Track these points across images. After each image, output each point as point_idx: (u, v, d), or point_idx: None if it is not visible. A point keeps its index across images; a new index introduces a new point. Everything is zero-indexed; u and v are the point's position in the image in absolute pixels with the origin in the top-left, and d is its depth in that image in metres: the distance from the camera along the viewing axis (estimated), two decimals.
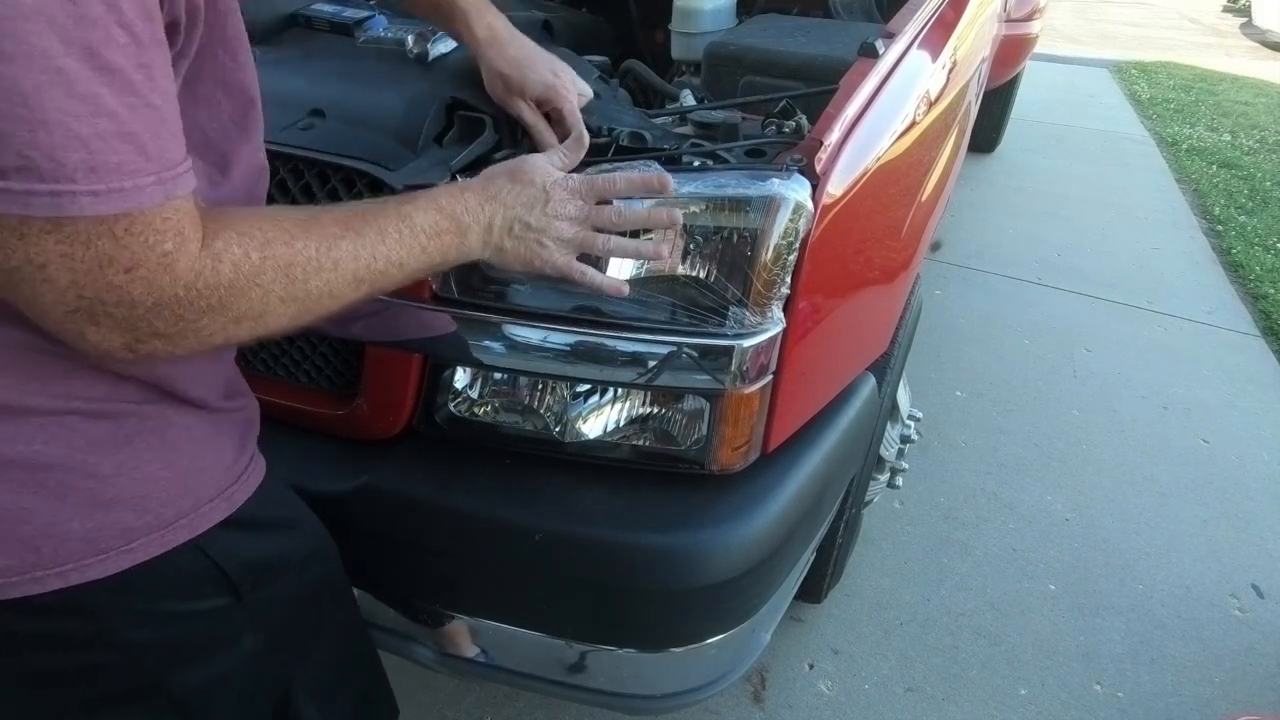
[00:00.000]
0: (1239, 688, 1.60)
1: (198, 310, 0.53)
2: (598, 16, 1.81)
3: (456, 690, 1.48)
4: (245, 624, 0.70)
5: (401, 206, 0.67)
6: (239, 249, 0.55)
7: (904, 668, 1.59)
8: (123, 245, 0.48)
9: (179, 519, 0.63)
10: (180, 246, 0.51)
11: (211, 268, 0.53)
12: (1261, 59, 7.78)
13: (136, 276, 0.49)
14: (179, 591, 0.65)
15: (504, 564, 0.93)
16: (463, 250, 0.71)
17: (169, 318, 0.52)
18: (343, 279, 0.61)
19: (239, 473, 0.69)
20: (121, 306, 0.50)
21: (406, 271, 0.67)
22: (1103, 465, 2.17)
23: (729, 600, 0.94)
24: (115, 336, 0.51)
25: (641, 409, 0.93)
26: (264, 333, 0.59)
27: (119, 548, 0.59)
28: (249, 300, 0.55)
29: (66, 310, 0.49)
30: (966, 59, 1.57)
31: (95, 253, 0.47)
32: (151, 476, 0.61)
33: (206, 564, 0.66)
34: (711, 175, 0.85)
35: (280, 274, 0.57)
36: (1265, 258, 3.40)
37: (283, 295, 0.57)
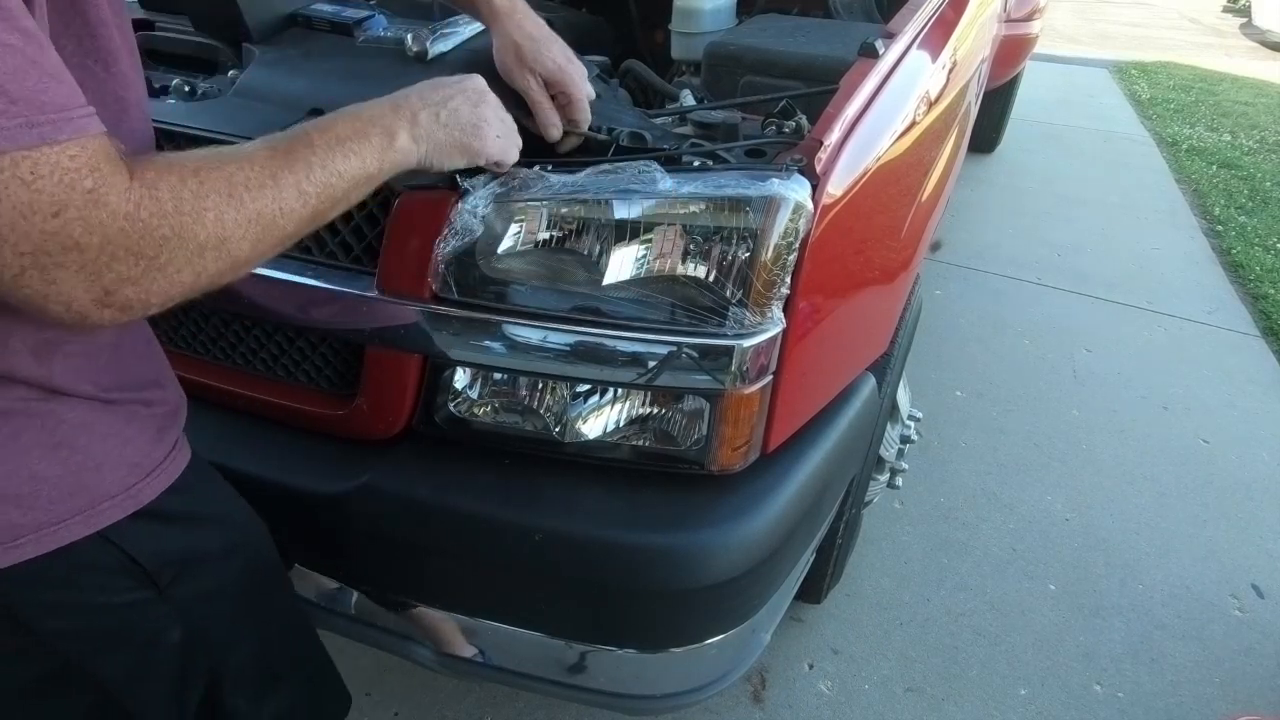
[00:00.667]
0: (1239, 688, 1.60)
1: (154, 243, 0.51)
2: (598, 16, 1.81)
3: (456, 690, 1.48)
4: (168, 617, 0.70)
5: (321, 123, 0.67)
6: (173, 177, 0.53)
7: (904, 668, 1.59)
8: (36, 190, 0.46)
9: (73, 516, 0.61)
10: (102, 182, 0.49)
11: (150, 196, 0.51)
12: (1261, 59, 7.78)
13: (69, 218, 0.47)
14: (94, 584, 0.65)
15: (504, 564, 0.93)
16: (397, 150, 0.70)
17: (125, 257, 0.50)
18: (287, 194, 0.60)
19: (150, 468, 0.67)
20: (70, 252, 0.48)
21: (348, 180, 0.65)
22: (1103, 465, 2.17)
23: (729, 600, 0.94)
24: (81, 290, 0.50)
25: (641, 409, 0.93)
26: (232, 264, 0.57)
27: (4, 543, 0.59)
28: (204, 225, 0.54)
29: (14, 274, 0.48)
30: (966, 59, 1.57)
31: (9, 203, 0.45)
32: (39, 474, 0.60)
33: (119, 556, 0.65)
34: (711, 175, 0.85)
35: (224, 196, 0.56)
36: (1265, 258, 3.40)
37: (237, 218, 0.56)
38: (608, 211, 0.84)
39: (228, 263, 0.57)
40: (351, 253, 0.93)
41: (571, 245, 0.86)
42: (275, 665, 0.83)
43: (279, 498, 0.94)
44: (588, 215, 0.85)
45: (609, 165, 0.84)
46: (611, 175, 0.84)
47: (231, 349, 1.04)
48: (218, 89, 1.03)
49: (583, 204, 0.84)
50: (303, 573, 1.04)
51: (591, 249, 0.85)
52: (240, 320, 1.02)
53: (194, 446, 0.75)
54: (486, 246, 0.86)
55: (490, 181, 0.85)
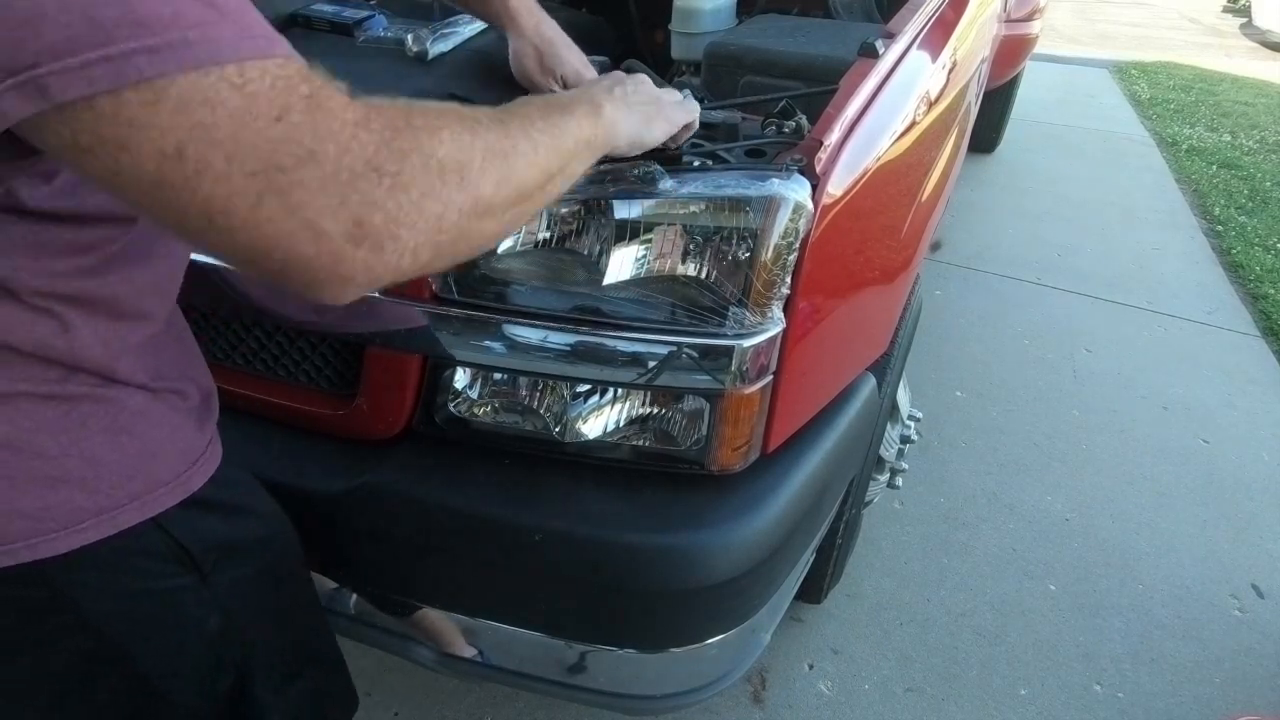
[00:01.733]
0: (1239, 688, 1.60)
1: (394, 155, 0.47)
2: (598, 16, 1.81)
3: (456, 690, 1.48)
4: (209, 603, 0.71)
5: (532, 101, 0.65)
6: (396, 107, 0.50)
7: (904, 668, 1.59)
8: (249, 93, 0.42)
9: (131, 501, 0.62)
10: (319, 90, 0.45)
11: (376, 111, 0.48)
12: (1261, 59, 7.78)
13: (293, 123, 0.43)
14: (142, 568, 0.65)
15: (504, 564, 0.93)
16: (605, 120, 0.70)
17: (365, 171, 0.46)
18: (515, 138, 0.57)
19: (195, 456, 0.68)
20: (305, 165, 0.44)
21: (570, 139, 0.64)
22: (1103, 465, 2.17)
23: (729, 600, 0.94)
24: (329, 218, 0.45)
25: (641, 409, 0.93)
26: (474, 201, 0.52)
27: (69, 527, 0.59)
28: (440, 142, 0.50)
29: (250, 205, 0.43)
30: (966, 59, 1.57)
31: (226, 110, 0.42)
32: (100, 458, 0.61)
33: (169, 542, 0.66)
34: (711, 175, 0.85)
35: (454, 123, 0.52)
36: (1265, 258, 3.40)
37: (472, 144, 0.53)
38: (608, 211, 0.84)
39: (470, 198, 0.52)
40: None
41: (571, 245, 0.86)
42: (298, 658, 0.84)
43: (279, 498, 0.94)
44: (588, 216, 0.85)
45: (608, 165, 0.84)
46: (611, 175, 0.84)
47: (231, 349, 1.04)
48: None
49: (583, 204, 0.84)
50: None
51: (591, 249, 0.85)
52: (240, 320, 1.02)
53: None
54: None
55: None
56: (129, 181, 0.43)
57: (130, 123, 0.41)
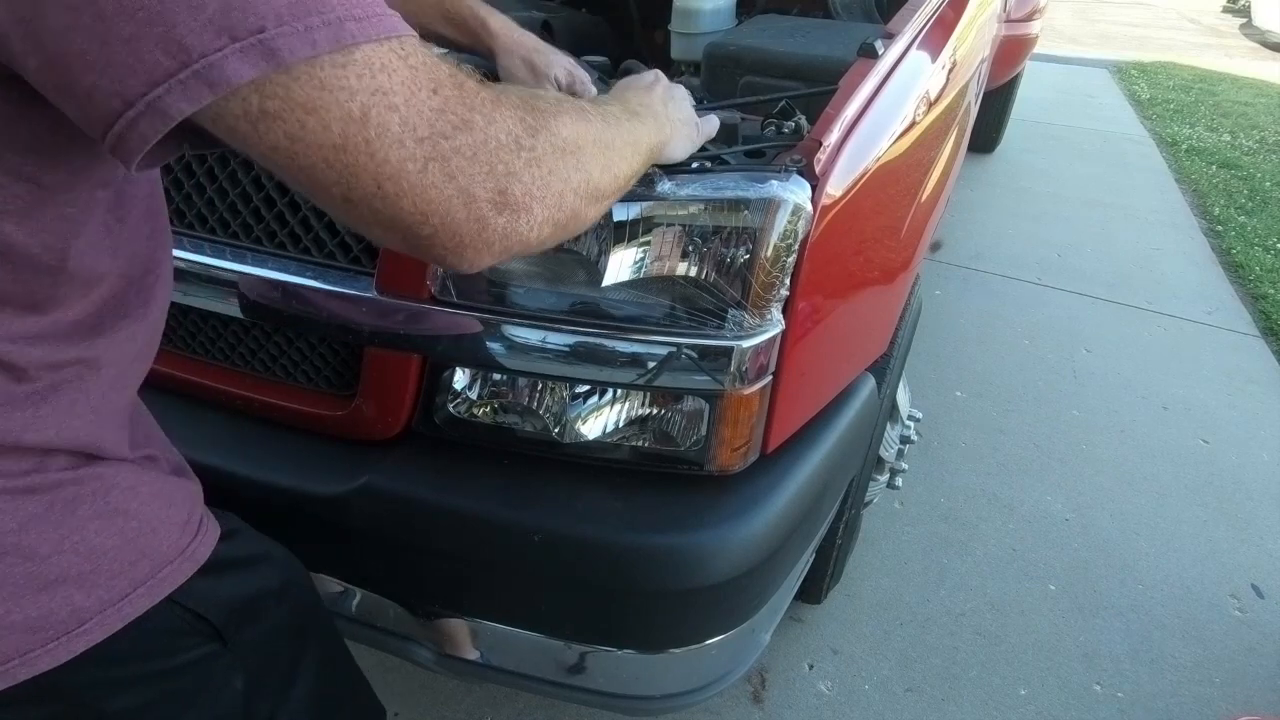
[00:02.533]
0: (1239, 688, 1.60)
1: (529, 130, 0.52)
2: (598, 16, 1.81)
3: (456, 690, 1.48)
4: (234, 666, 0.67)
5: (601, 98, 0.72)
6: (514, 89, 0.55)
7: (904, 668, 1.59)
8: (411, 65, 0.46)
9: (137, 587, 0.57)
10: (456, 70, 0.49)
11: (503, 91, 0.52)
12: (1261, 59, 7.78)
13: (446, 97, 0.47)
14: (161, 650, 0.61)
15: (503, 565, 0.93)
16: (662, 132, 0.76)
17: (508, 143, 0.50)
18: (610, 131, 0.62)
19: (195, 527, 0.64)
20: (461, 132, 0.48)
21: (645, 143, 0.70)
22: (1103, 465, 2.17)
23: (729, 601, 0.94)
24: (479, 185, 0.49)
25: (641, 410, 0.93)
26: (586, 182, 0.58)
27: (70, 631, 0.54)
28: (562, 124, 0.55)
29: (418, 169, 0.46)
30: (966, 59, 1.57)
31: (398, 78, 0.45)
32: (99, 548, 0.55)
33: (186, 616, 0.62)
34: (711, 177, 0.85)
35: (566, 113, 0.57)
36: (1265, 258, 3.40)
37: (583, 132, 0.58)
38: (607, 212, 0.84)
39: (584, 180, 0.57)
40: (350, 253, 0.93)
41: (571, 246, 0.86)
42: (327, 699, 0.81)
43: (278, 499, 0.94)
44: None
45: None
46: None
47: (230, 349, 1.04)
48: None
49: None
50: None
51: (591, 250, 0.85)
52: (240, 321, 1.02)
53: (193, 447, 0.75)
54: None
55: None
56: (307, 148, 0.44)
57: (323, 85, 0.42)
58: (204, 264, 0.95)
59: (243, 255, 0.95)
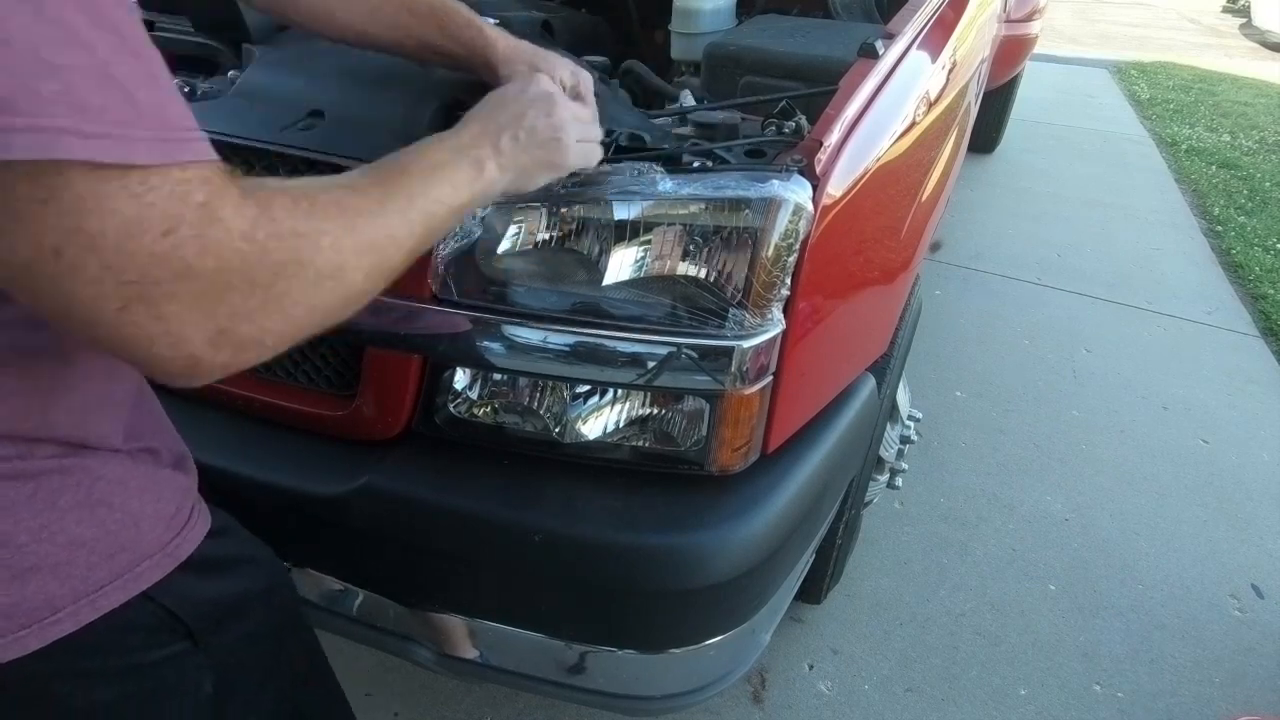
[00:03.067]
0: (1239, 688, 1.60)
1: (271, 269, 0.47)
2: (598, 16, 1.81)
3: (456, 690, 1.48)
4: (205, 667, 0.66)
5: (411, 152, 0.65)
6: (286, 198, 0.49)
7: (904, 668, 1.59)
8: (147, 203, 0.41)
9: (113, 579, 0.57)
10: (216, 195, 0.44)
11: (265, 215, 0.47)
12: (1261, 59, 7.78)
13: (181, 238, 0.42)
14: (132, 646, 0.60)
15: (503, 565, 0.93)
16: (485, 180, 0.69)
17: (240, 285, 0.46)
18: (394, 221, 0.57)
19: (182, 523, 0.64)
20: (181, 280, 0.43)
21: (445, 208, 0.64)
22: (1102, 465, 2.17)
23: (729, 601, 0.94)
24: (193, 327, 0.45)
25: (641, 410, 0.93)
26: (345, 297, 0.54)
27: (42, 620, 0.54)
28: (321, 250, 0.50)
29: (117, 308, 0.42)
30: (966, 59, 1.57)
31: (117, 219, 0.40)
32: (78, 538, 0.55)
33: (160, 613, 0.61)
34: (711, 176, 0.85)
35: (337, 220, 0.52)
36: (1264, 258, 3.40)
37: (353, 246, 0.53)
38: (607, 212, 0.84)
39: (341, 295, 0.53)
40: None
41: (571, 245, 0.86)
42: (301, 707, 0.80)
43: (278, 499, 0.94)
44: (587, 216, 0.85)
45: (608, 165, 0.84)
46: (611, 176, 0.84)
47: None
48: (217, 89, 1.03)
49: (582, 205, 0.84)
50: (303, 573, 1.04)
51: (591, 250, 0.85)
52: None
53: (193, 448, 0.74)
54: (486, 247, 0.86)
55: None
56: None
57: (16, 214, 0.39)
58: None
59: None
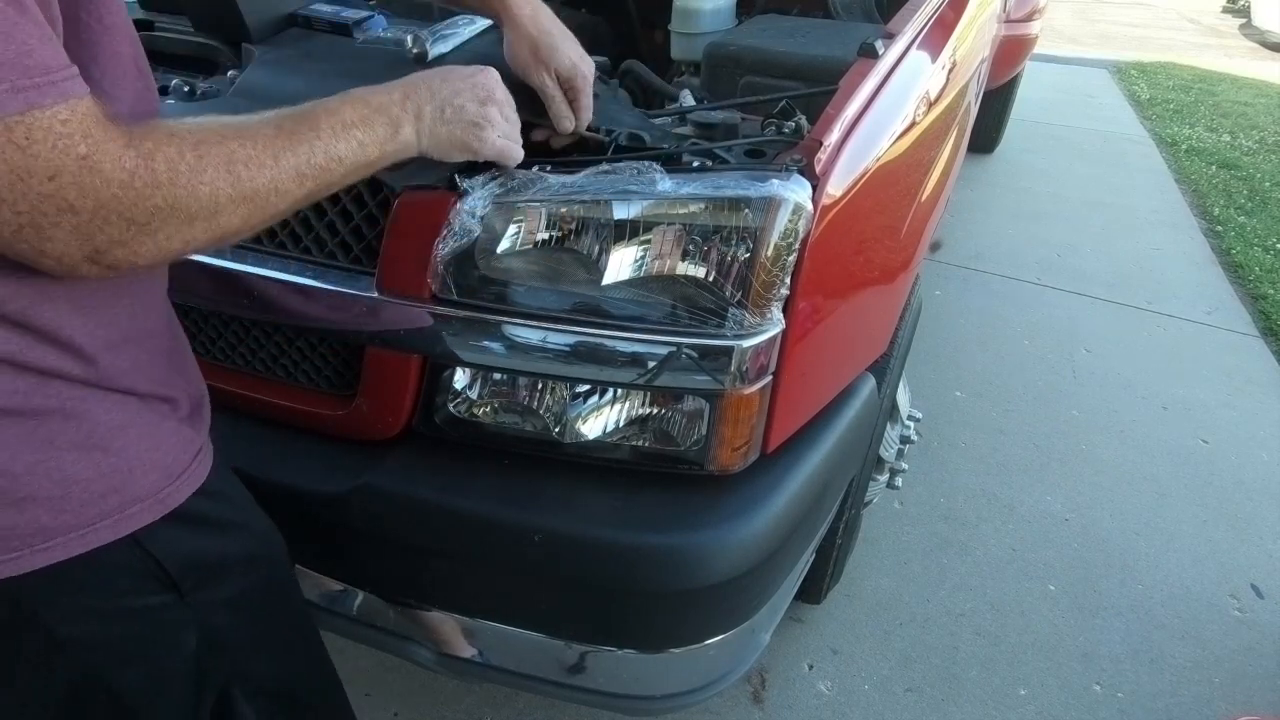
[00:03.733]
0: (1239, 688, 1.60)
1: (146, 211, 0.53)
2: (598, 16, 1.81)
3: (456, 690, 1.48)
4: (187, 622, 0.68)
5: (329, 104, 0.69)
6: (170, 148, 0.55)
7: (904, 668, 1.59)
8: (31, 155, 0.48)
9: (103, 519, 0.61)
10: (96, 149, 0.50)
11: (146, 167, 0.53)
12: (1261, 59, 7.78)
13: (64, 182, 0.49)
14: (115, 588, 0.64)
15: (503, 565, 0.93)
16: (399, 142, 0.73)
17: (117, 221, 0.52)
18: (285, 174, 0.62)
19: (179, 471, 0.66)
20: (64, 214, 0.50)
21: (346, 166, 0.68)
22: (1102, 465, 2.17)
23: (729, 601, 0.94)
24: (73, 249, 0.52)
25: (641, 409, 0.93)
26: (220, 235, 0.59)
27: (33, 546, 0.58)
28: (198, 199, 0.56)
29: (12, 230, 0.50)
30: (966, 59, 1.57)
31: (6, 166, 0.47)
32: (72, 476, 0.59)
33: (145, 559, 0.64)
34: (711, 176, 0.85)
35: (223, 170, 0.57)
36: (1264, 258, 3.40)
37: (232, 194, 0.58)
38: (607, 212, 0.84)
39: (216, 234, 0.59)
40: (351, 253, 0.93)
41: (571, 245, 0.86)
42: (289, 682, 0.82)
43: (279, 498, 0.94)
44: (587, 215, 0.85)
45: (608, 165, 0.84)
46: (610, 175, 0.84)
47: (231, 349, 1.04)
48: (217, 89, 1.03)
49: (582, 204, 0.84)
50: (303, 573, 1.04)
51: (591, 249, 0.85)
52: (240, 320, 1.02)
53: None
54: (486, 247, 0.86)
55: (489, 182, 0.85)
56: None
57: None
58: (204, 264, 0.94)
59: (243, 255, 0.95)
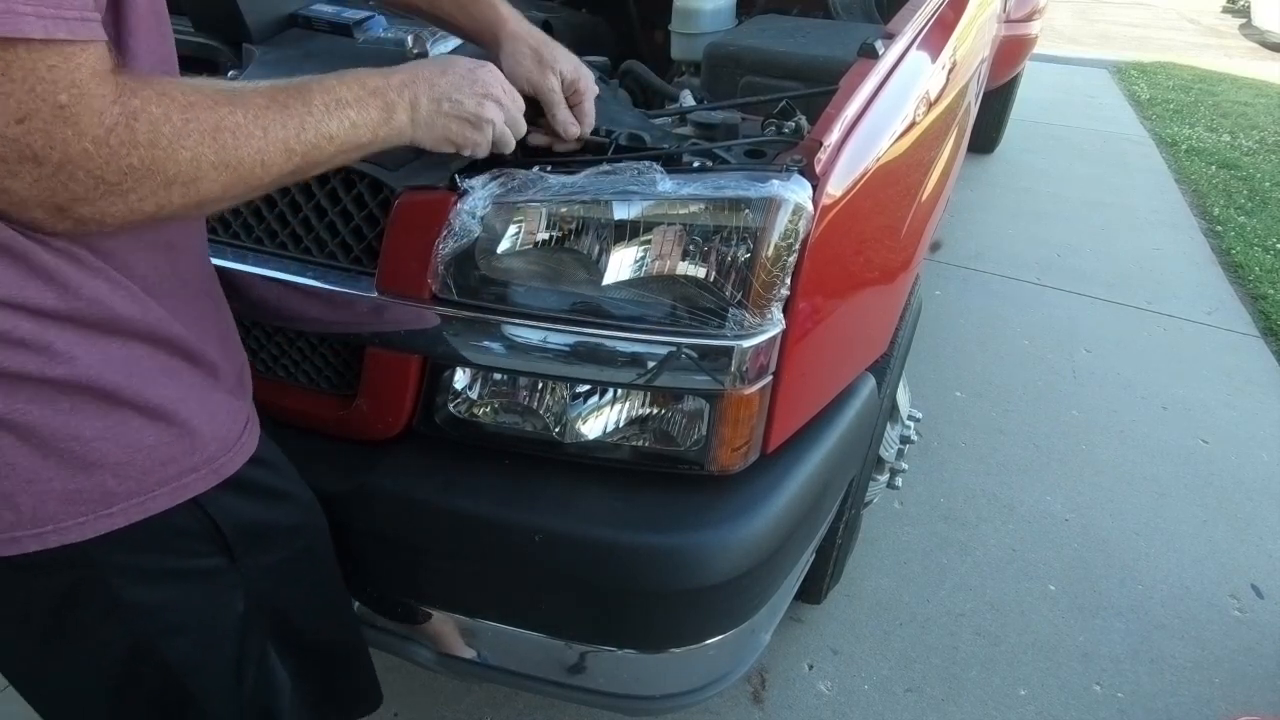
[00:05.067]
0: (1239, 688, 1.60)
1: (118, 171, 0.50)
2: (598, 16, 1.81)
3: (456, 690, 1.48)
4: (237, 586, 0.71)
5: (325, 81, 0.67)
6: (157, 109, 0.52)
7: (904, 668, 1.59)
8: (3, 92, 0.45)
9: (163, 485, 0.63)
10: (78, 100, 0.48)
11: (125, 125, 0.50)
12: (1261, 59, 7.78)
13: (32, 128, 0.46)
14: (174, 549, 0.66)
15: (504, 565, 0.93)
16: (392, 127, 0.72)
17: (84, 179, 0.49)
18: (273, 147, 0.60)
19: (232, 442, 0.69)
20: (26, 163, 0.47)
21: (336, 145, 0.66)
22: (1102, 465, 2.17)
23: (729, 601, 0.94)
24: (33, 202, 0.49)
25: (641, 410, 0.93)
26: (197, 201, 0.57)
27: (99, 511, 0.60)
28: (177, 163, 0.53)
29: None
30: (966, 59, 1.57)
31: None
32: (136, 443, 0.61)
33: (205, 522, 0.67)
34: (711, 176, 0.85)
35: (208, 137, 0.55)
36: (1264, 258, 3.40)
37: (214, 160, 0.56)
38: (607, 212, 0.84)
39: (193, 200, 0.57)
40: (351, 253, 0.93)
41: (571, 245, 0.86)
42: (323, 644, 0.85)
43: None
44: (587, 216, 0.85)
45: (608, 166, 0.84)
46: (611, 176, 0.84)
47: None
48: None
49: (582, 205, 0.84)
50: None
51: (591, 249, 0.85)
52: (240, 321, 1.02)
53: None
54: (486, 247, 0.86)
55: (489, 182, 0.85)
56: None
57: None
58: None
59: (244, 255, 0.95)
